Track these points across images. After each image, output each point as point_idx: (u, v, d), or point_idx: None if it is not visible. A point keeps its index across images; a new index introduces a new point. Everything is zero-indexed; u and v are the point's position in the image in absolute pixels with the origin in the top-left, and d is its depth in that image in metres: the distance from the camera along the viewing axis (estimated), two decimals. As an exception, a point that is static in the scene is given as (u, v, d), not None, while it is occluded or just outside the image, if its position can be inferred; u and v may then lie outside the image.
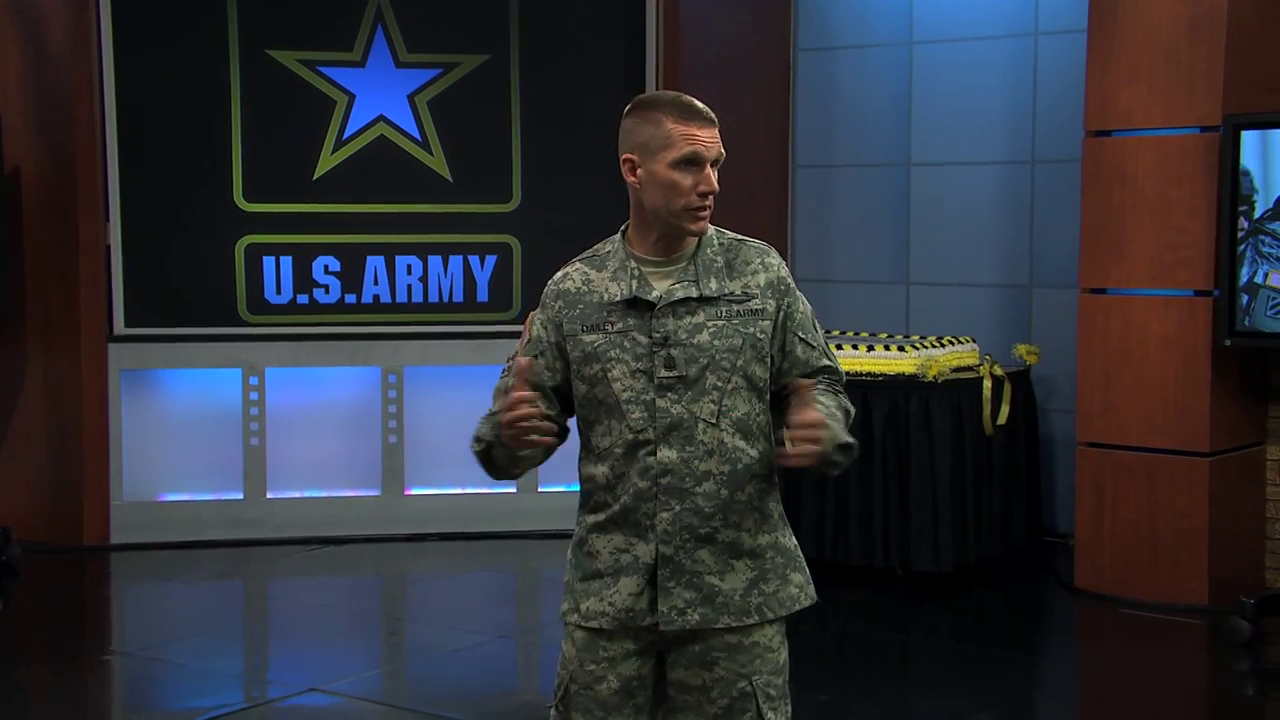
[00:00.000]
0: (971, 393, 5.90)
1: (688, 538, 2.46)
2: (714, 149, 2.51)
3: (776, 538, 2.53)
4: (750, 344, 2.47)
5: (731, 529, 2.47)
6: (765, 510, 2.51)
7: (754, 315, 2.48)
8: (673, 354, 2.45)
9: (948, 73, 6.81)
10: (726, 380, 2.45)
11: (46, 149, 6.43)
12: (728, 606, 2.47)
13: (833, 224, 7.19)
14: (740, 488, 2.47)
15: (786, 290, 2.52)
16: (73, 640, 5.42)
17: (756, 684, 2.50)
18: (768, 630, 2.51)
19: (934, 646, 5.32)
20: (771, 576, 2.51)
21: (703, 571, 2.47)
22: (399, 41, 6.62)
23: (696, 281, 2.49)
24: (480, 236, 6.74)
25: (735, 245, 2.57)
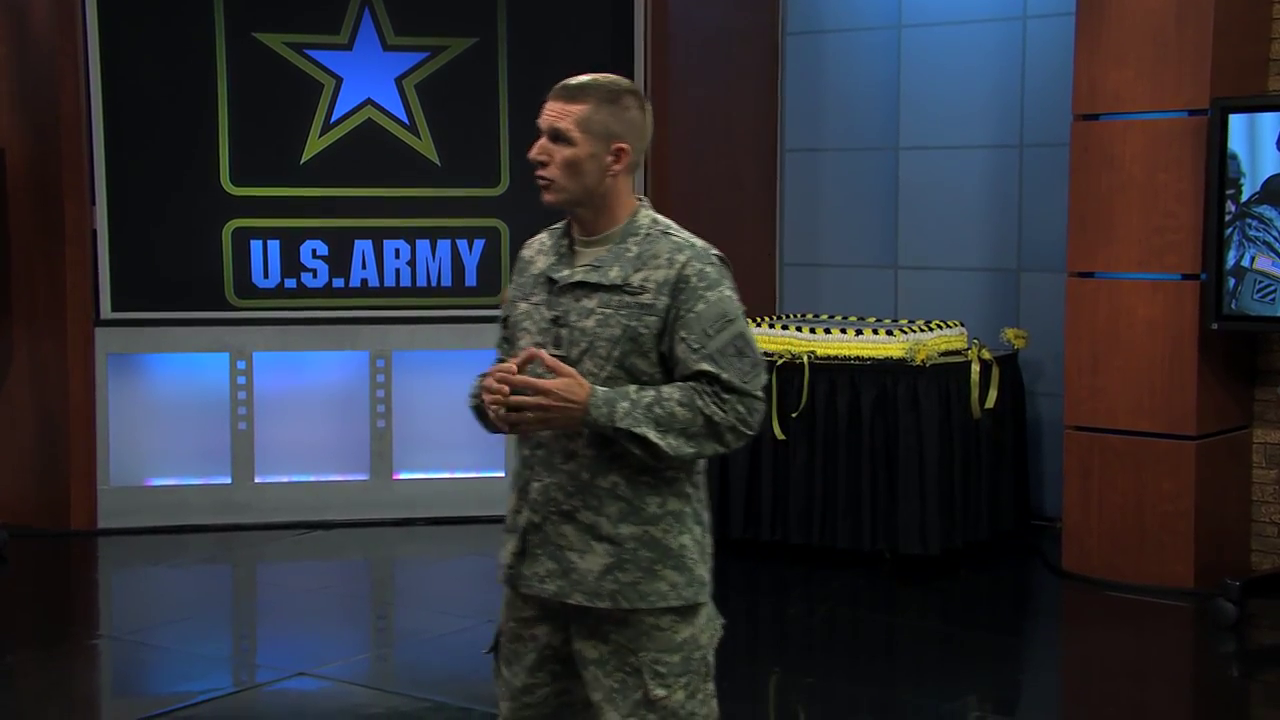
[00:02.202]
0: (959, 377, 5.91)
1: (552, 511, 2.53)
2: (546, 120, 2.57)
3: (647, 531, 2.51)
4: (630, 336, 2.48)
5: (591, 512, 2.51)
6: (636, 501, 2.51)
7: (641, 309, 2.49)
8: (561, 334, 2.52)
9: (936, 56, 6.80)
10: (601, 367, 2.49)
11: (31, 132, 6.40)
12: (581, 585, 2.51)
13: (821, 208, 7.18)
14: (603, 474, 2.49)
15: (684, 289, 2.49)
16: (60, 625, 5.41)
17: (644, 660, 2.52)
18: (648, 614, 2.53)
19: (921, 629, 5.33)
20: (630, 567, 2.51)
21: (565, 546, 2.53)
22: (386, 24, 6.59)
23: (601, 268, 2.53)
24: (468, 221, 6.73)
25: (658, 238, 2.56)
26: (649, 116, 2.61)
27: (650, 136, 2.63)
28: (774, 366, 6.00)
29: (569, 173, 2.55)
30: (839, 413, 5.89)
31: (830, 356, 5.97)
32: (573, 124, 2.54)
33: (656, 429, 2.43)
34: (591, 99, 2.55)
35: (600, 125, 2.54)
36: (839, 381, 5.91)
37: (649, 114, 2.61)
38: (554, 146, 2.55)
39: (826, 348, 6.00)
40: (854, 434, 5.86)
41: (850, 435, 5.87)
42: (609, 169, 2.54)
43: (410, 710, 4.33)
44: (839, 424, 5.88)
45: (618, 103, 2.56)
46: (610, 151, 2.54)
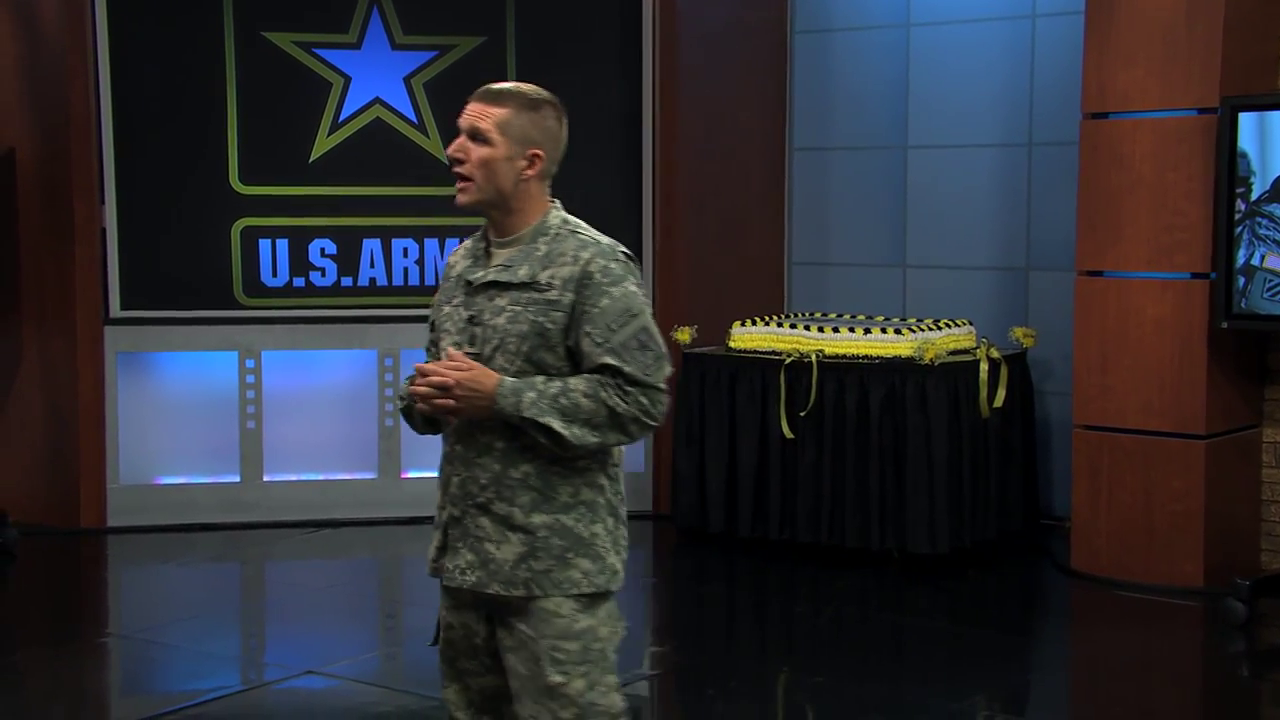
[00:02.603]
0: (968, 376, 5.90)
1: (470, 504, 2.64)
2: (466, 120, 2.64)
3: (559, 520, 2.61)
4: (537, 332, 2.58)
5: (504, 503, 2.61)
6: (548, 491, 2.61)
7: (548, 305, 2.58)
8: (476, 332, 2.63)
9: (945, 55, 6.79)
10: (511, 363, 2.59)
11: (41, 131, 6.41)
12: (498, 575, 2.61)
13: (829, 207, 7.18)
14: (515, 465, 2.60)
15: (589, 285, 2.58)
16: (69, 623, 5.42)
17: (543, 647, 2.60)
18: (557, 600, 2.61)
19: (930, 629, 5.33)
20: (543, 555, 2.60)
21: (483, 538, 2.63)
22: (395, 24, 6.60)
23: (512, 267, 2.62)
24: (477, 220, 6.68)
25: (565, 236, 2.65)
26: (565, 129, 2.71)
27: (565, 148, 2.72)
28: (782, 365, 6.00)
29: (484, 173, 2.62)
30: (847, 412, 5.88)
31: (839, 355, 5.97)
32: (492, 125, 2.61)
33: (561, 419, 2.53)
34: (512, 104, 2.63)
35: (519, 130, 2.62)
36: (847, 380, 5.90)
37: (565, 127, 2.71)
38: (472, 145, 2.62)
39: (835, 346, 6.00)
40: (862, 433, 5.86)
41: (859, 434, 5.87)
42: (522, 173, 2.63)
43: (418, 709, 4.33)
44: (847, 423, 5.88)
45: (538, 111, 2.66)
46: (525, 156, 2.63)
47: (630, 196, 6.79)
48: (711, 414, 6.19)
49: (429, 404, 2.57)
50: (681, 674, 4.78)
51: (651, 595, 5.95)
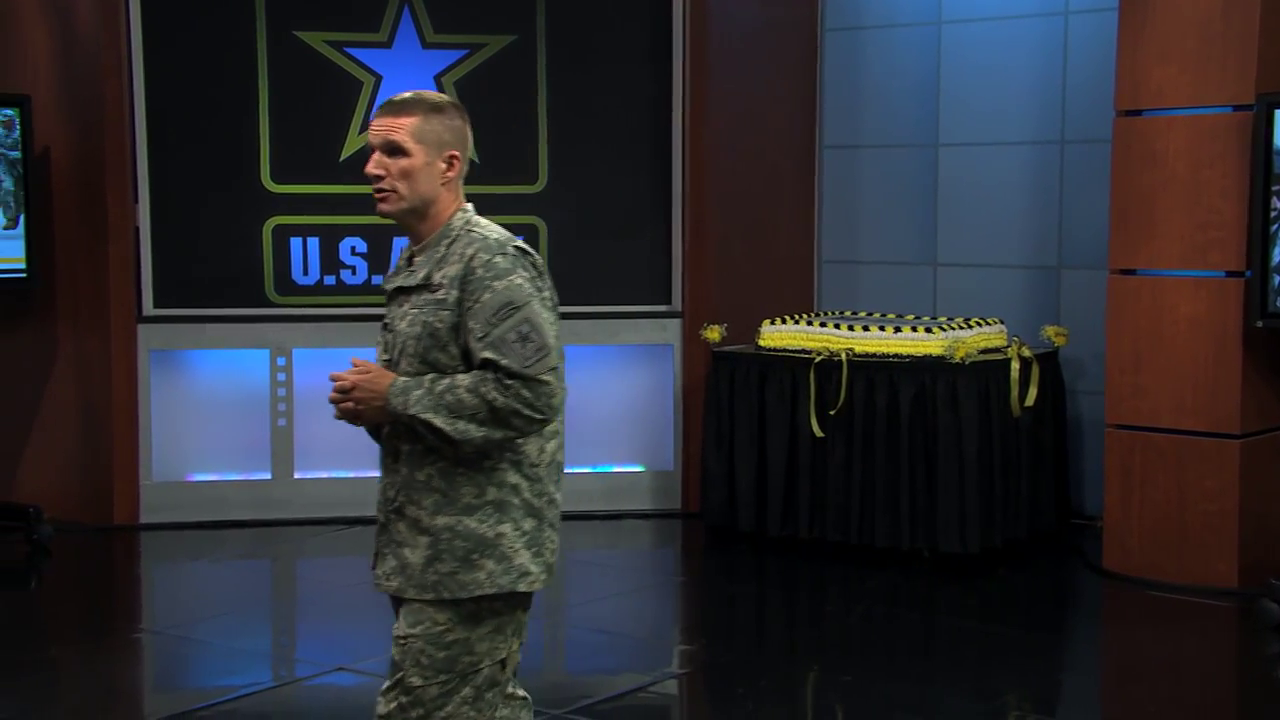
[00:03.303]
0: (999, 374, 5.87)
1: (391, 510, 2.69)
2: (378, 136, 2.67)
3: (462, 521, 2.62)
4: (429, 332, 2.62)
5: (414, 505, 2.64)
6: (451, 493, 2.62)
7: (437, 305, 2.62)
8: (388, 339, 2.71)
9: (976, 52, 6.76)
10: (412, 365, 2.63)
11: (76, 130, 6.46)
12: (413, 579, 2.65)
13: (860, 205, 7.15)
14: (420, 468, 2.63)
15: (473, 281, 2.60)
16: (103, 619, 5.46)
17: (413, 646, 2.63)
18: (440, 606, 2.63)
19: (960, 628, 5.30)
20: (448, 558, 2.62)
21: (400, 543, 2.67)
22: (426, 22, 6.61)
23: (414, 271, 2.68)
24: (506, 218, 6.66)
25: (462, 236, 2.67)
26: (469, 127, 2.73)
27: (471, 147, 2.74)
28: (812, 364, 5.98)
29: (407, 183, 2.65)
30: (877, 410, 5.86)
31: (869, 354, 5.95)
32: (407, 135, 2.64)
33: (447, 415, 2.55)
34: (420, 111, 2.66)
35: (433, 135, 2.65)
36: (877, 379, 5.88)
37: (469, 124, 2.73)
38: (390, 160, 2.66)
39: (865, 345, 5.98)
40: (892, 432, 5.84)
41: (889, 433, 5.85)
42: (442, 176, 2.67)
43: (448, 705, 4.34)
44: (877, 422, 5.86)
45: (444, 113, 2.69)
46: (444, 159, 2.67)
47: (660, 195, 6.79)
48: (741, 413, 6.18)
49: (336, 408, 2.64)
50: (711, 672, 4.78)
51: (681, 594, 5.95)
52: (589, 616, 5.35)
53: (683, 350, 6.78)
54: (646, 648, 5.10)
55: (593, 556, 6.37)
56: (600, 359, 6.87)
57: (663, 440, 6.87)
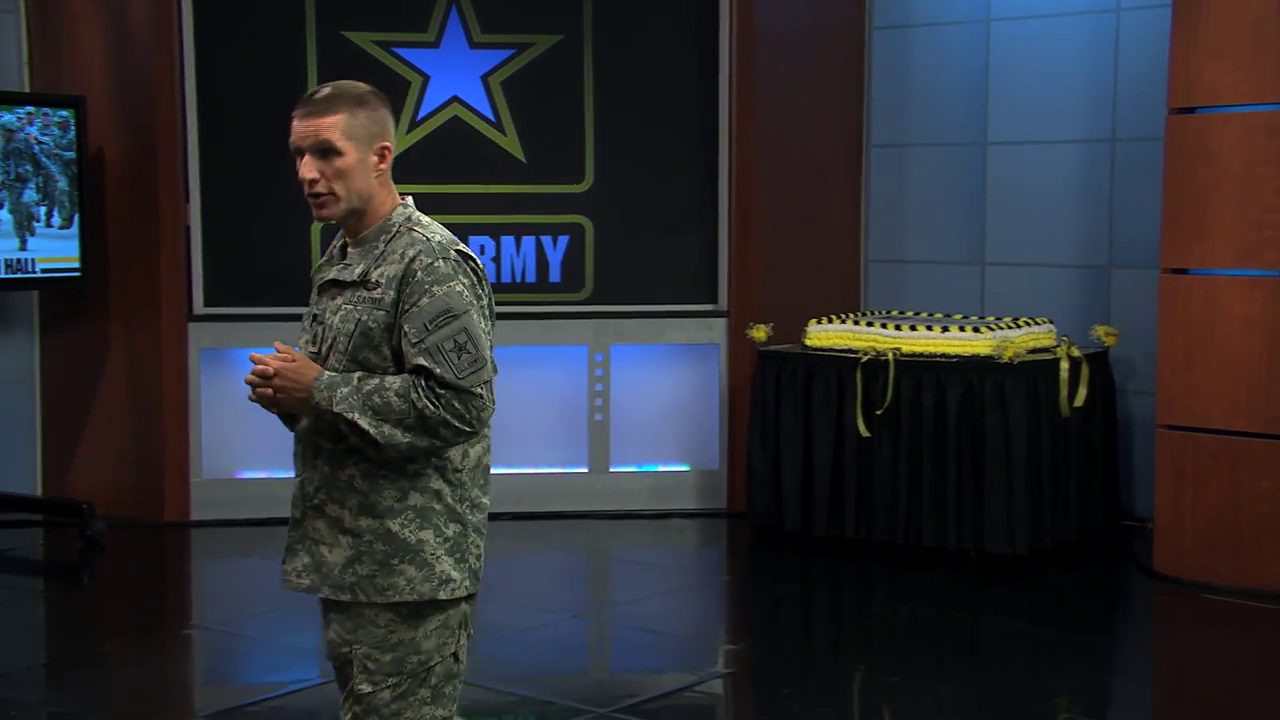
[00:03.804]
0: (1048, 374, 5.82)
1: (309, 506, 2.61)
2: (307, 139, 2.55)
3: (385, 524, 2.54)
4: (361, 331, 2.55)
5: (335, 505, 2.58)
6: (372, 495, 2.54)
7: (373, 304, 2.55)
8: (318, 330, 2.64)
9: (1026, 50, 6.70)
10: (340, 361, 2.57)
11: (129, 130, 6.54)
12: (329, 578, 2.58)
13: (907, 204, 7.12)
14: (342, 467, 2.56)
15: (412, 284, 2.52)
16: (154, 614, 5.52)
17: (356, 653, 2.57)
18: (379, 609, 2.55)
19: (1008, 629, 5.27)
20: (367, 560, 2.55)
21: (318, 540, 2.60)
22: (473, 22, 6.64)
23: (350, 266, 2.60)
24: (553, 217, 6.76)
25: (402, 234, 2.58)
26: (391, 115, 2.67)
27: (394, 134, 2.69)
28: (859, 364, 5.96)
29: (344, 183, 2.56)
30: (924, 410, 5.83)
31: (916, 354, 5.92)
32: (338, 133, 2.54)
33: (373, 417, 2.48)
34: (344, 107, 2.56)
35: (362, 129, 2.56)
36: (925, 379, 5.85)
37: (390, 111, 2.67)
38: (322, 162, 2.55)
39: (912, 345, 5.95)
40: (940, 432, 5.81)
41: (936, 433, 5.81)
42: (376, 169, 2.58)
43: (495, 703, 4.36)
44: (924, 421, 5.83)
45: (368, 104, 2.59)
46: (375, 152, 2.58)
47: (706, 194, 6.78)
48: (787, 412, 6.17)
49: (252, 392, 2.56)
50: (757, 672, 4.77)
51: (726, 593, 5.94)
52: (634, 615, 5.36)
53: (728, 350, 6.77)
54: (692, 647, 5.10)
55: (638, 556, 6.37)
56: (646, 358, 6.87)
57: (708, 440, 6.87)
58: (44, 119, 6.29)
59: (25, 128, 6.24)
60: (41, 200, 6.30)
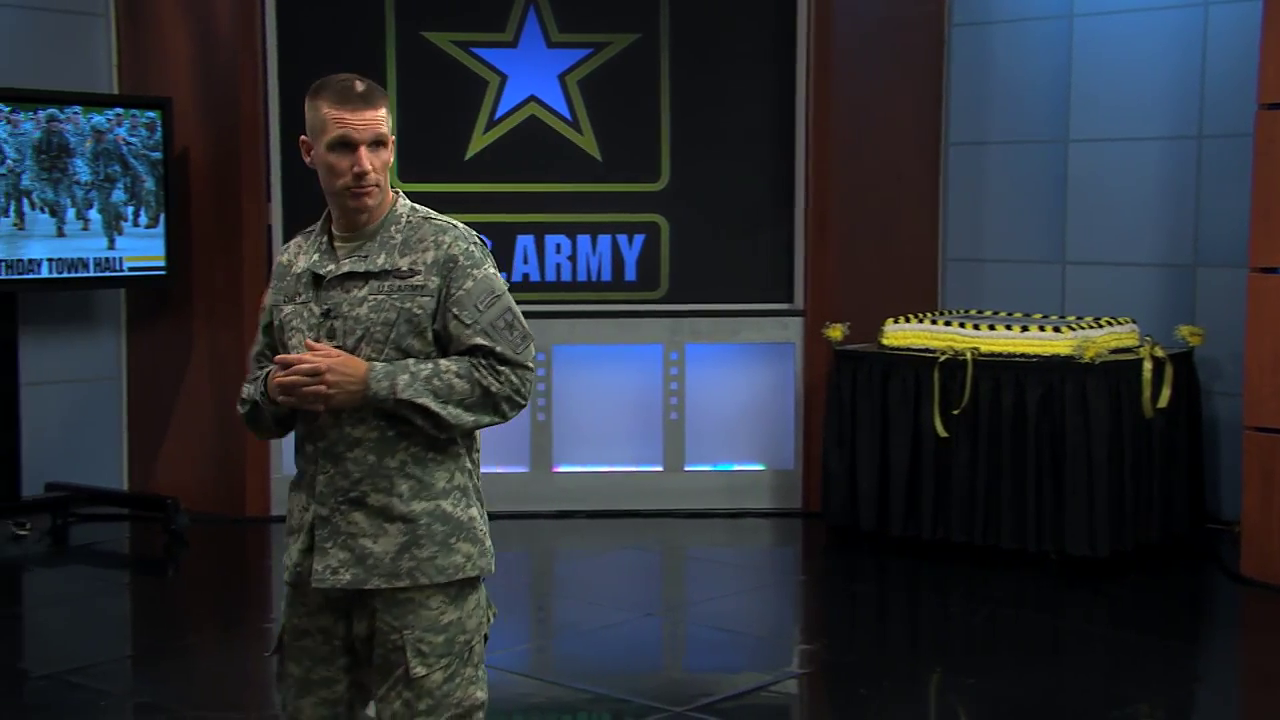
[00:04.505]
0: (1130, 375, 5.73)
1: (340, 500, 2.58)
2: (366, 131, 2.57)
3: (439, 505, 2.60)
4: (406, 318, 2.56)
5: (382, 494, 2.57)
6: (425, 478, 2.59)
7: (414, 291, 2.57)
8: (335, 325, 2.59)
9: (1110, 46, 6.60)
10: (379, 351, 2.56)
11: (213, 131, 6.64)
12: (378, 568, 2.57)
13: (986, 202, 7.04)
14: (390, 454, 2.57)
15: (454, 268, 2.58)
16: (235, 608, 5.61)
17: (408, 638, 2.57)
18: (429, 591, 2.59)
19: (1089, 633, 5.19)
20: (426, 543, 2.58)
21: (356, 534, 2.58)
22: (550, 22, 6.67)
23: (368, 257, 2.60)
24: (628, 216, 6.77)
25: (420, 223, 2.64)
26: None
27: None
28: (936, 363, 5.90)
29: (386, 174, 2.62)
30: (1003, 410, 5.76)
31: (995, 353, 5.85)
32: (385, 127, 2.61)
33: (436, 399, 2.52)
34: (382, 100, 2.61)
35: (390, 124, 2.64)
36: (1004, 379, 5.78)
37: None
38: (373, 154, 2.58)
39: (991, 344, 5.88)
40: (1019, 432, 5.74)
41: (1015, 433, 5.74)
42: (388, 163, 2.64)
43: (570, 701, 4.38)
44: (1003, 422, 5.76)
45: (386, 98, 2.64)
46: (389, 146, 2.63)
47: (782, 193, 6.75)
48: (863, 412, 6.13)
49: (297, 393, 2.50)
50: (832, 672, 4.74)
51: (801, 593, 5.92)
52: (709, 614, 5.35)
53: (804, 349, 6.74)
54: (767, 647, 5.08)
55: (713, 555, 6.36)
56: (721, 357, 6.86)
57: (783, 439, 6.84)
58: (132, 120, 6.41)
59: (114, 129, 6.37)
60: (129, 200, 6.43)
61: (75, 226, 6.28)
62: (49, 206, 6.21)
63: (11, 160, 6.08)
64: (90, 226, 6.32)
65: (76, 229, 6.28)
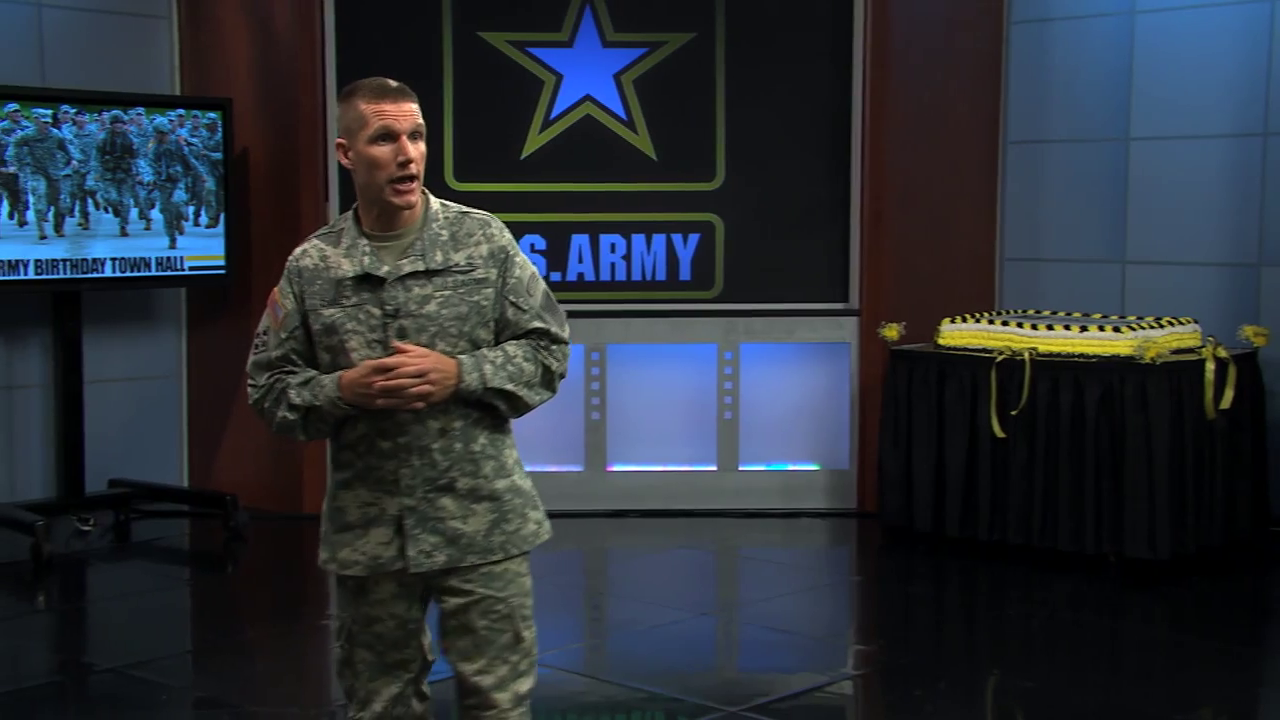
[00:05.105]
0: (1192, 376, 5.65)
1: (429, 489, 2.70)
2: (407, 121, 2.67)
3: (514, 480, 2.78)
4: (475, 311, 2.70)
5: (469, 477, 2.72)
6: (500, 457, 2.76)
7: (478, 284, 2.70)
8: (404, 324, 2.67)
9: (1173, 42, 6.51)
10: (454, 345, 2.68)
11: (273, 132, 6.71)
12: (472, 547, 2.73)
13: (1044, 201, 6.97)
14: (474, 439, 2.72)
15: (506, 259, 2.73)
16: (293, 604, 5.66)
17: (512, 605, 2.78)
18: (517, 560, 2.79)
19: (1150, 637, 5.13)
20: (512, 517, 2.77)
21: (445, 517, 2.71)
22: (606, 21, 6.68)
23: (423, 255, 2.69)
24: (683, 215, 6.76)
25: (459, 218, 2.75)
26: None
27: None
28: (993, 363, 5.85)
29: (422, 169, 2.72)
30: (1062, 411, 5.70)
31: (1053, 354, 5.79)
32: (421, 120, 2.72)
33: (514, 383, 2.71)
34: (415, 98, 2.72)
35: None
36: (1062, 379, 5.72)
37: None
38: (414, 145, 2.68)
39: (1049, 344, 5.82)
40: (1077, 433, 5.67)
41: (1073, 434, 5.68)
42: None
43: (624, 699, 4.38)
44: (1061, 423, 5.70)
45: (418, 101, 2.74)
46: None
47: (838, 192, 6.73)
48: (919, 412, 6.09)
49: (402, 395, 2.58)
50: (888, 674, 4.72)
51: (857, 594, 5.89)
52: (764, 614, 5.33)
53: (860, 348, 6.71)
54: (822, 647, 5.06)
55: (768, 554, 6.35)
56: (776, 357, 6.84)
57: (838, 439, 6.81)
58: (193, 121, 6.49)
59: (176, 130, 6.45)
60: (190, 200, 6.51)
61: (138, 226, 6.37)
62: (113, 206, 6.30)
63: (77, 161, 6.18)
64: (152, 226, 6.41)
65: (139, 229, 6.37)
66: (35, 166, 6.07)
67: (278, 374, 2.75)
